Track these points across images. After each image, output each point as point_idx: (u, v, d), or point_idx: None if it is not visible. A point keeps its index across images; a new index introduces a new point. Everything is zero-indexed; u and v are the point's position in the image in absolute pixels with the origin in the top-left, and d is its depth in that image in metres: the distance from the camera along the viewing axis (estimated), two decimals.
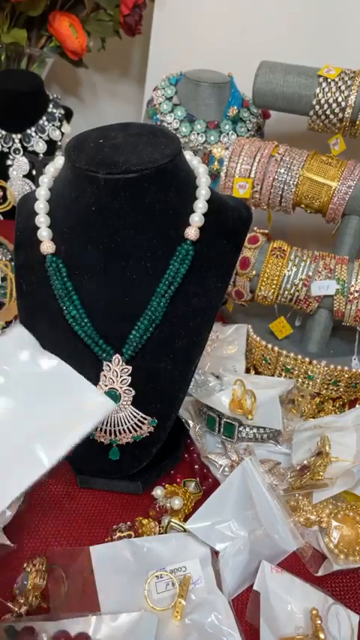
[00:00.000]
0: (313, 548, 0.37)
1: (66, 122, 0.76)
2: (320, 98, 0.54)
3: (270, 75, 0.56)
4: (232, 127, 0.67)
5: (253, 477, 0.35)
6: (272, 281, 0.52)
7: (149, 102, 0.70)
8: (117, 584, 0.33)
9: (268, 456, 0.43)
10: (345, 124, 0.55)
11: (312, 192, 0.54)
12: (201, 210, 0.36)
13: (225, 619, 0.32)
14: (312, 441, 0.42)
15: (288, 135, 0.68)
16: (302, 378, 0.50)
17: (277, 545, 0.35)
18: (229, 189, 0.56)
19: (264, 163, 0.54)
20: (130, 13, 0.75)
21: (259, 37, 0.68)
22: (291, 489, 0.39)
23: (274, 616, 0.32)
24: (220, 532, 0.36)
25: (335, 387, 0.50)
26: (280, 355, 0.50)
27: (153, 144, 0.35)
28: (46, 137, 0.73)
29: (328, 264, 0.51)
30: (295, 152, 0.55)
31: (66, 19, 0.76)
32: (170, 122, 0.67)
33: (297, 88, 0.56)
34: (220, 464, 0.42)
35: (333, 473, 0.38)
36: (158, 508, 0.38)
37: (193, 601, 0.33)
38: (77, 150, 0.36)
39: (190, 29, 0.73)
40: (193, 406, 0.47)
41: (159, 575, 0.33)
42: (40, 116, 0.73)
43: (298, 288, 0.51)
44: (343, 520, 0.37)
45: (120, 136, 0.36)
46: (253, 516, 0.35)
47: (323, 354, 0.54)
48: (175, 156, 0.35)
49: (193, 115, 0.67)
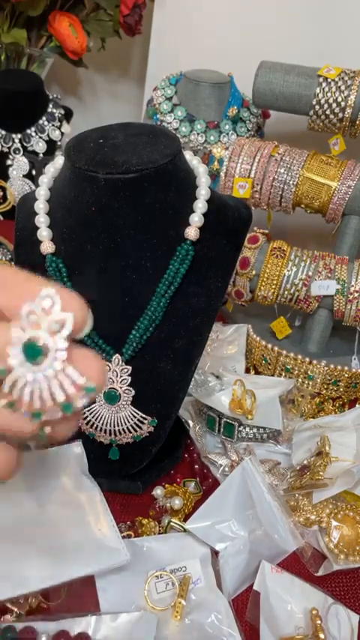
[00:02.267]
0: (313, 548, 0.37)
1: (66, 122, 0.76)
2: (320, 98, 0.54)
3: (270, 75, 0.56)
4: (232, 127, 0.67)
5: (253, 476, 0.35)
6: (272, 281, 0.52)
7: (149, 102, 0.70)
8: (117, 583, 0.33)
9: (268, 456, 0.43)
10: (345, 124, 0.55)
11: (312, 192, 0.54)
12: (201, 210, 0.36)
13: (225, 619, 0.32)
14: (312, 441, 0.42)
15: (288, 135, 0.68)
16: (302, 378, 0.50)
17: (277, 545, 0.35)
18: (229, 189, 0.56)
19: (264, 163, 0.54)
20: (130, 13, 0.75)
21: (259, 36, 0.68)
22: (291, 489, 0.39)
23: (274, 616, 0.32)
24: (220, 532, 0.36)
25: (335, 386, 0.50)
26: (280, 355, 0.50)
27: (153, 144, 0.35)
28: (46, 137, 0.73)
29: (328, 264, 0.51)
30: (295, 152, 0.55)
31: (66, 19, 0.76)
32: (170, 122, 0.67)
33: (297, 88, 0.56)
34: (220, 464, 0.42)
35: (333, 473, 0.38)
36: (158, 508, 0.38)
37: (193, 601, 0.33)
38: (77, 150, 0.35)
39: (190, 29, 0.73)
40: (193, 406, 0.47)
41: (159, 575, 0.33)
42: (40, 116, 0.73)
43: (298, 288, 0.51)
44: (343, 520, 0.37)
45: (120, 136, 0.36)
46: (253, 516, 0.35)
47: (323, 354, 0.54)
48: (175, 156, 0.35)
49: (193, 115, 0.67)
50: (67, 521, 0.34)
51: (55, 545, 0.33)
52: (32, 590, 0.32)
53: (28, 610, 0.33)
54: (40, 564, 0.32)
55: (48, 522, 0.34)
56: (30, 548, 0.33)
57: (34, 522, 0.34)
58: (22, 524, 0.34)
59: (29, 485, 0.35)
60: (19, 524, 0.34)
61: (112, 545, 0.33)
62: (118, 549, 0.33)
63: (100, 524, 0.34)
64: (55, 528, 0.34)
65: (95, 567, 0.33)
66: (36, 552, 0.33)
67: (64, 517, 0.34)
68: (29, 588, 0.32)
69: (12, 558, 0.32)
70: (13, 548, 0.33)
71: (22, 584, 0.32)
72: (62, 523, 0.34)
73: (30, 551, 0.33)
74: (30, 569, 0.32)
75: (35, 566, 0.32)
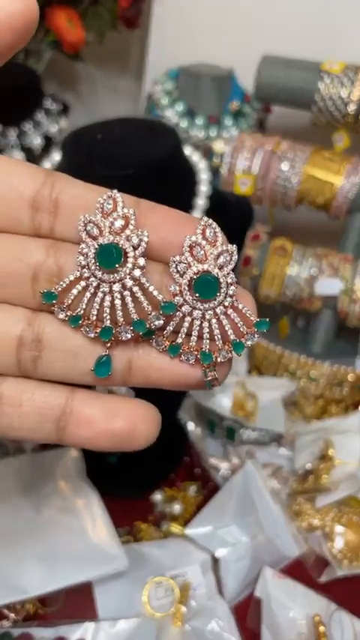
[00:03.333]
0: (316, 554, 0.36)
1: (63, 117, 0.75)
2: (323, 93, 0.53)
3: (272, 69, 0.55)
4: (233, 122, 0.66)
5: (255, 480, 0.35)
6: (274, 280, 0.51)
7: (148, 96, 0.69)
8: (115, 589, 0.33)
9: (271, 460, 0.43)
10: (348, 120, 0.54)
11: (315, 189, 0.53)
12: (201, 207, 0.35)
13: (226, 625, 0.31)
14: (315, 444, 0.41)
15: (291, 130, 0.67)
16: (305, 379, 0.49)
17: (279, 550, 0.34)
18: (231, 185, 0.55)
19: (266, 159, 0.53)
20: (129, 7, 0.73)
21: (261, 30, 0.67)
22: (294, 494, 0.38)
23: (276, 622, 0.32)
24: (221, 537, 0.35)
25: (339, 388, 0.49)
26: (282, 356, 0.50)
27: (152, 139, 0.34)
28: (42, 132, 0.72)
29: (332, 262, 0.50)
30: (297, 148, 0.54)
31: (64, 13, 0.75)
32: (170, 117, 0.66)
33: (299, 83, 0.55)
34: (221, 467, 0.41)
35: (337, 477, 0.37)
36: (157, 513, 0.37)
37: (194, 607, 0.32)
38: (74, 145, 0.35)
39: (190, 22, 0.72)
40: (193, 408, 0.46)
41: (158, 580, 0.33)
42: (37, 111, 0.72)
43: (301, 287, 0.50)
44: (347, 525, 0.36)
45: (118, 131, 0.35)
46: (254, 521, 0.35)
47: (327, 355, 0.53)
48: (175, 151, 0.34)
49: (194, 110, 0.66)
50: (65, 527, 0.34)
51: (52, 550, 0.33)
52: (29, 596, 0.31)
53: (26, 616, 0.32)
54: (38, 570, 0.32)
55: (45, 527, 0.34)
56: (27, 553, 0.32)
57: (31, 527, 0.33)
58: (20, 529, 0.33)
59: (26, 489, 0.35)
60: (17, 529, 0.33)
61: (110, 550, 0.33)
62: (116, 555, 0.33)
63: (98, 530, 0.33)
64: (53, 533, 0.33)
65: (93, 573, 0.32)
66: (33, 558, 0.32)
67: (61, 522, 0.34)
68: (26, 594, 0.31)
69: (9, 564, 0.32)
70: (10, 554, 0.32)
71: (19, 590, 0.31)
72: (60, 528, 0.34)
73: (27, 557, 0.32)
74: (27, 575, 0.31)
75: (33, 571, 0.32)
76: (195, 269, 0.15)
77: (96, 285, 0.15)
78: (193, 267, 0.15)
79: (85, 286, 0.15)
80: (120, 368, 0.16)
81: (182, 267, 0.15)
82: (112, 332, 0.15)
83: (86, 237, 0.15)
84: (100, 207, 0.15)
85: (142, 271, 0.15)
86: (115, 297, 0.15)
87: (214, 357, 0.15)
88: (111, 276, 0.15)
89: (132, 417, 0.15)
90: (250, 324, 0.15)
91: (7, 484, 0.35)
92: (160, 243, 0.15)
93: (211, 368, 0.15)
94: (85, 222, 0.15)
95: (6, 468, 0.36)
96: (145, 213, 0.16)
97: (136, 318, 0.15)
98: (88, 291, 0.15)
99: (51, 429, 0.15)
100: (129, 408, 0.16)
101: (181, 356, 0.15)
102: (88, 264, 0.15)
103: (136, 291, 0.15)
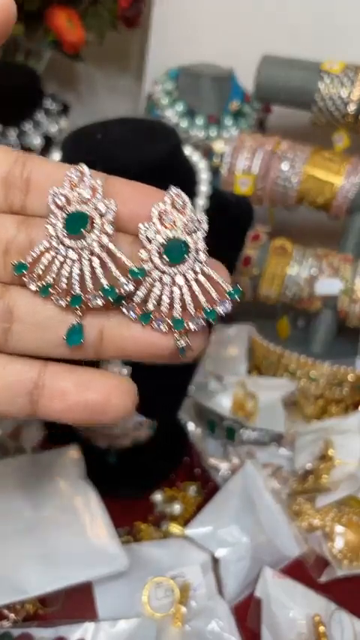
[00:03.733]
0: (316, 554, 0.36)
1: (63, 117, 0.75)
2: (323, 93, 0.53)
3: (272, 69, 0.55)
4: (233, 122, 0.66)
5: (255, 481, 0.35)
6: (275, 280, 0.51)
7: (148, 96, 0.69)
8: (115, 590, 0.33)
9: (271, 460, 0.43)
10: (348, 120, 0.54)
11: (315, 189, 0.53)
12: (201, 207, 0.35)
13: (226, 625, 0.31)
14: (315, 444, 0.41)
15: (291, 130, 0.67)
16: (305, 379, 0.49)
17: (279, 550, 0.34)
18: (231, 185, 0.55)
19: (266, 159, 0.53)
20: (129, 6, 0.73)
21: (261, 30, 0.67)
22: (294, 494, 0.38)
23: (276, 622, 0.32)
24: (221, 537, 0.35)
25: (339, 388, 0.49)
26: (282, 356, 0.50)
27: (152, 139, 0.34)
28: (42, 132, 0.72)
29: (332, 262, 0.50)
30: (297, 148, 0.54)
31: (64, 13, 0.75)
32: (170, 117, 0.66)
33: (299, 83, 0.55)
34: (221, 467, 0.41)
35: (337, 477, 0.37)
36: (157, 513, 0.37)
37: (194, 607, 0.32)
38: (74, 145, 0.35)
39: (190, 22, 0.72)
40: (193, 408, 0.46)
41: (158, 581, 0.33)
42: (37, 111, 0.72)
43: (302, 287, 0.50)
44: (347, 525, 0.36)
45: (118, 131, 0.35)
46: (254, 521, 0.35)
47: (327, 355, 0.53)
48: (175, 151, 0.34)
49: (194, 110, 0.66)
50: (65, 527, 0.34)
51: (52, 550, 0.33)
52: (29, 596, 0.31)
53: (25, 616, 0.32)
54: (38, 570, 0.32)
55: (45, 528, 0.34)
56: (27, 553, 0.32)
57: (31, 528, 0.33)
58: (19, 529, 0.33)
59: (26, 489, 0.35)
60: (16, 529, 0.33)
61: (110, 551, 0.33)
62: (116, 555, 0.33)
63: (98, 530, 0.33)
64: (53, 534, 0.33)
65: (93, 573, 0.32)
66: (33, 558, 0.32)
67: (61, 522, 0.34)
68: (26, 594, 0.31)
69: (9, 564, 0.32)
70: (10, 554, 0.32)
71: (19, 590, 0.31)
72: (60, 528, 0.34)
73: (27, 557, 0.32)
74: (27, 575, 0.31)
75: (32, 572, 0.32)
76: (164, 234, 0.15)
77: (65, 254, 0.15)
78: (162, 234, 0.15)
79: (54, 255, 0.15)
80: (92, 339, 0.15)
81: (151, 234, 0.15)
82: (82, 299, 0.15)
83: (55, 208, 0.15)
84: (68, 180, 0.15)
85: (109, 238, 0.15)
86: (83, 265, 0.15)
87: (186, 322, 0.15)
88: (79, 242, 0.15)
89: (106, 389, 0.15)
90: (222, 292, 0.15)
91: (7, 484, 0.35)
92: (129, 215, 0.15)
93: (184, 335, 0.15)
94: (53, 194, 0.15)
95: (6, 468, 0.36)
96: (115, 186, 0.16)
97: (105, 285, 0.15)
98: (57, 259, 0.15)
99: (24, 402, 0.15)
100: (103, 381, 0.15)
101: (152, 323, 0.15)
102: (57, 234, 0.15)
103: (104, 257, 0.15)
